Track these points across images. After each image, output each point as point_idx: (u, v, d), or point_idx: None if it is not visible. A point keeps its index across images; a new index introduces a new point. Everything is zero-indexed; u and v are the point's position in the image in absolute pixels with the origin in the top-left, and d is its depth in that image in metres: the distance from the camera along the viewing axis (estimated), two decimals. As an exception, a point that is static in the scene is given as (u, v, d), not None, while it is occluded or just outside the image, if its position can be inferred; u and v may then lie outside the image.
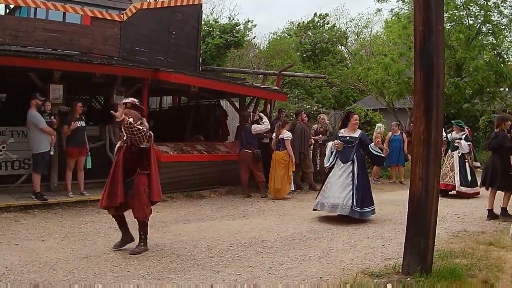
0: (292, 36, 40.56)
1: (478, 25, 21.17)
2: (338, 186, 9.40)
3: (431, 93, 5.52)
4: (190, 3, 14.70)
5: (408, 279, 5.51)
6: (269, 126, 12.97)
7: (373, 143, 10.16)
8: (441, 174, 11.51)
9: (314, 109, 21.92)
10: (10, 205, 9.41)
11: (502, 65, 20.17)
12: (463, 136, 12.83)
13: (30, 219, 8.93)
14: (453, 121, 13.71)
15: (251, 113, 13.76)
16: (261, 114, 13.31)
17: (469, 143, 12.88)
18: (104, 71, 11.30)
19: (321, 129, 14.86)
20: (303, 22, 42.82)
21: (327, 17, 42.18)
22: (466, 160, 12.69)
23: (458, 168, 12.59)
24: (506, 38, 20.97)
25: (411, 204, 5.72)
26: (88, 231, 8.23)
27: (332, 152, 9.72)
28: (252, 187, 12.92)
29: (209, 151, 13.33)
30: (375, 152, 9.90)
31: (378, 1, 23.25)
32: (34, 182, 10.00)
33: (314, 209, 9.76)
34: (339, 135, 9.82)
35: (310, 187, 13.80)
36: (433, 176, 5.59)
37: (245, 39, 33.05)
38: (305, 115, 14.67)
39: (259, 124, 12.93)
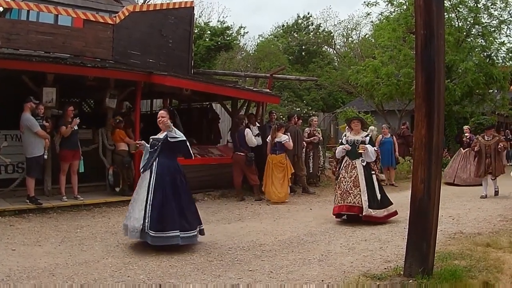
0: (280, 38, 40.67)
1: (468, 27, 21.36)
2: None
3: (432, 97, 5.53)
4: (182, 6, 14.70)
5: (410, 281, 5.52)
6: (258, 143, 13.09)
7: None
8: (342, 191, 9.51)
9: (304, 111, 21.98)
10: (4, 210, 9.31)
11: (491, 67, 20.32)
12: (367, 139, 9.76)
13: (26, 224, 8.85)
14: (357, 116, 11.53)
15: (245, 116, 13.77)
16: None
17: (375, 148, 10.10)
18: (97, 74, 11.24)
19: (314, 131, 14.87)
20: (287, 24, 42.93)
21: (311, 18, 42.27)
22: (373, 172, 9.72)
23: (364, 183, 9.41)
24: (496, 40, 21.16)
25: (413, 206, 5.72)
26: (84, 236, 8.17)
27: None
28: (245, 189, 12.91)
29: (202, 154, 13.29)
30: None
31: (367, 5, 23.46)
32: (28, 186, 9.92)
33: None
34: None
35: (303, 190, 13.81)
36: (434, 179, 5.59)
37: (235, 42, 33.06)
38: (298, 118, 14.73)
39: (250, 129, 12.97)
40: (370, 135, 10.05)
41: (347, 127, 10.29)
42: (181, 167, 7.60)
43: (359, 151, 9.47)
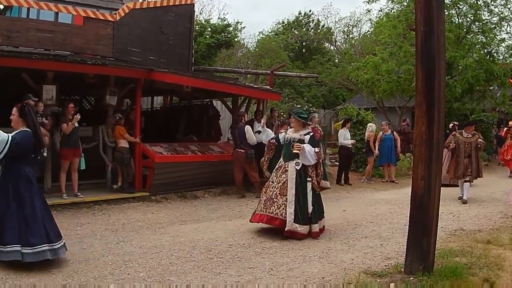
0: (280, 35, 40.66)
1: (468, 23, 21.32)
2: None
3: (432, 93, 5.53)
4: (183, 3, 14.67)
5: (411, 278, 5.53)
6: (259, 140, 13.01)
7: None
8: (266, 197, 8.10)
9: (305, 108, 21.94)
10: (4, 208, 9.29)
11: (492, 63, 20.29)
12: (307, 137, 8.08)
13: (26, 222, 8.83)
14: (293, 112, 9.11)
15: (244, 113, 13.76)
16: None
17: (317, 149, 8.03)
18: (98, 71, 11.20)
19: (314, 128, 14.83)
20: (288, 20, 42.91)
21: (312, 15, 42.24)
22: (310, 179, 7.92)
23: (293, 191, 7.83)
24: (496, 37, 21.12)
25: (413, 203, 5.72)
26: (84, 234, 8.16)
27: None
28: (245, 186, 12.90)
29: (203, 151, 13.29)
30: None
31: (368, 2, 23.41)
32: (27, 184, 9.88)
33: None
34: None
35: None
36: (435, 176, 5.59)
37: (235, 39, 33.05)
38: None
39: (252, 126, 12.95)
40: (311, 134, 8.24)
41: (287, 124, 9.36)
42: (28, 171, 6.26)
43: (294, 151, 7.90)
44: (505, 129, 18.90)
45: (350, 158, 15.71)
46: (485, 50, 21.21)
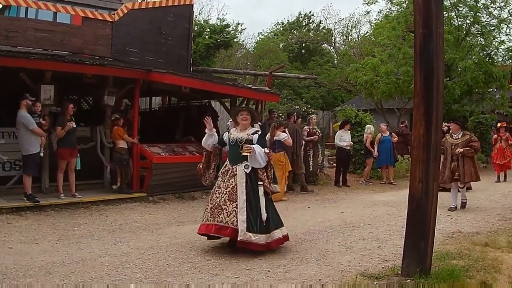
0: (279, 36, 40.67)
1: (467, 26, 21.32)
2: None
3: (431, 96, 5.51)
4: (182, 3, 14.65)
5: (408, 281, 5.50)
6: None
7: None
8: (213, 205, 7.14)
9: (303, 109, 21.94)
10: (2, 207, 9.28)
11: (491, 65, 20.29)
12: (256, 137, 7.27)
13: (23, 222, 8.83)
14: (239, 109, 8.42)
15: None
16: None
17: (267, 150, 7.31)
18: (96, 71, 11.19)
19: (313, 130, 14.86)
20: (288, 21, 42.93)
21: (312, 17, 42.25)
22: (261, 183, 7.15)
23: (244, 196, 6.98)
24: (495, 39, 21.12)
25: (411, 206, 5.70)
26: (81, 234, 8.15)
27: None
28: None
29: (201, 152, 13.17)
30: None
31: (368, 4, 23.41)
32: (25, 184, 9.89)
33: None
34: None
35: (302, 188, 13.80)
36: (432, 179, 5.58)
37: (234, 40, 33.03)
38: (298, 116, 14.73)
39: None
40: (260, 133, 7.46)
41: (231, 121, 8.26)
42: None
43: (243, 153, 7.08)
44: (495, 131, 18.25)
45: (348, 160, 15.70)
46: (484, 52, 21.19)
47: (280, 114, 17.66)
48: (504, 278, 5.85)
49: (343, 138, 15.30)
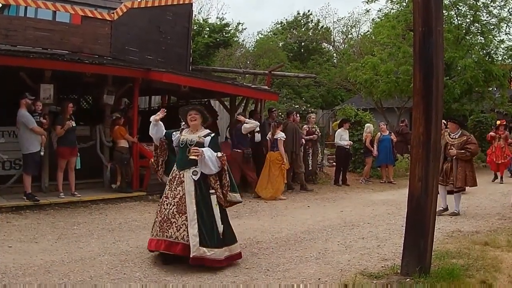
0: (279, 35, 40.66)
1: (467, 24, 21.31)
2: None
3: (430, 94, 5.51)
4: (181, 2, 14.62)
5: (407, 280, 5.50)
6: (258, 123, 12.89)
7: None
8: (162, 217, 6.36)
9: (303, 108, 21.96)
10: (1, 206, 9.28)
11: (491, 64, 20.27)
12: (207, 139, 6.51)
13: (22, 220, 8.82)
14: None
15: (242, 114, 13.71)
16: (241, 118, 12.97)
17: (219, 154, 6.39)
18: (95, 70, 11.17)
19: (312, 129, 14.85)
20: (286, 20, 42.92)
21: (310, 16, 42.23)
22: (213, 191, 6.35)
23: (194, 207, 6.21)
24: (495, 38, 21.11)
25: (410, 205, 5.70)
26: (81, 233, 8.14)
27: None
28: (242, 186, 12.86)
29: (201, 151, 13.23)
30: None
31: (367, 2, 23.39)
32: (24, 183, 9.88)
33: None
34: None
35: (301, 187, 13.79)
36: (432, 177, 5.58)
37: (234, 39, 33.02)
38: (297, 115, 14.72)
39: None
40: (212, 135, 6.62)
41: (183, 123, 7.01)
42: None
43: (190, 157, 6.26)
44: (494, 129, 17.38)
45: (347, 159, 15.69)
46: (484, 51, 21.19)
47: (280, 113, 17.67)
48: (504, 277, 5.85)
49: (343, 137, 15.30)
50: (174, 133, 6.75)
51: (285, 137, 12.42)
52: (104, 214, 9.77)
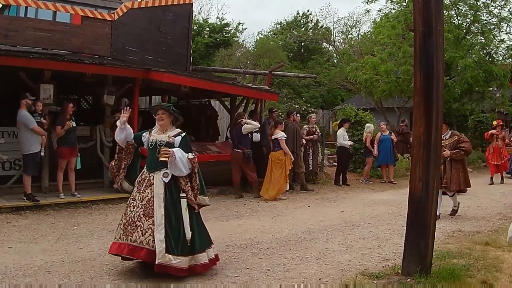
0: (279, 35, 40.66)
1: (467, 24, 21.31)
2: None
3: (431, 94, 5.50)
4: (181, 2, 14.61)
5: (408, 280, 5.49)
6: (258, 124, 12.88)
7: None
8: (127, 220, 5.94)
9: (303, 108, 21.94)
10: (1, 207, 9.28)
11: (491, 64, 20.26)
12: (178, 139, 6.13)
13: (22, 221, 8.82)
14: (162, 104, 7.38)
15: (243, 114, 13.69)
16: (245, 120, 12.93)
17: (191, 155, 6.07)
18: (95, 71, 11.18)
19: (313, 129, 14.83)
20: (286, 21, 42.91)
21: (310, 16, 42.22)
22: (183, 195, 5.99)
23: (162, 211, 5.81)
24: (495, 38, 21.10)
25: (411, 205, 5.69)
26: (81, 233, 8.13)
27: None
28: (243, 186, 12.87)
29: (201, 151, 13.23)
30: None
31: (367, 2, 23.38)
32: (24, 184, 9.88)
33: None
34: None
35: (302, 187, 13.78)
36: (433, 177, 5.57)
37: (234, 39, 33.00)
38: (297, 115, 14.71)
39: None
40: (183, 134, 6.25)
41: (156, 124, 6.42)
42: None
43: (160, 159, 5.88)
44: (492, 130, 16.89)
45: (348, 159, 15.70)
46: (485, 51, 21.19)
47: (280, 113, 17.66)
48: (505, 277, 5.83)
49: (346, 137, 15.31)
50: (144, 134, 6.35)
51: (285, 136, 12.39)
52: (104, 215, 9.77)
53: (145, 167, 6.20)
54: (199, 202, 6.19)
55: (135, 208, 5.94)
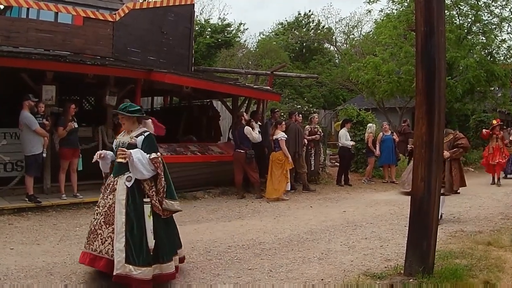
0: (280, 35, 40.66)
1: (469, 24, 21.28)
2: None
3: (432, 94, 5.50)
4: (183, 3, 14.62)
5: (411, 280, 5.49)
6: (259, 139, 12.83)
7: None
8: (91, 228, 5.79)
9: (305, 109, 21.95)
10: (3, 208, 9.27)
11: (492, 64, 20.23)
12: (140, 139, 5.74)
13: (24, 222, 8.82)
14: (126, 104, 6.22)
15: (245, 114, 13.68)
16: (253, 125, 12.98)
17: (153, 155, 5.60)
18: (97, 72, 11.18)
19: (315, 129, 14.83)
20: (287, 21, 42.93)
21: (312, 16, 42.21)
22: (148, 200, 5.54)
23: (123, 218, 5.41)
24: (497, 38, 21.07)
25: (413, 205, 5.68)
26: (83, 234, 8.04)
27: None
28: (245, 187, 12.87)
29: (203, 151, 13.26)
30: None
31: (369, 3, 23.36)
32: (27, 185, 9.88)
33: None
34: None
35: (304, 187, 13.77)
36: (435, 177, 5.56)
37: (236, 39, 32.99)
38: (299, 115, 14.71)
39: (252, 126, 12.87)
40: (147, 133, 5.81)
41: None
42: None
43: (118, 160, 5.59)
44: (491, 128, 16.42)
45: (350, 159, 15.71)
46: (486, 51, 21.16)
47: (282, 113, 17.66)
48: (508, 277, 5.83)
49: (347, 137, 15.31)
50: (114, 141, 6.07)
51: (286, 136, 12.39)
52: (106, 215, 9.74)
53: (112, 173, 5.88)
54: (166, 207, 5.69)
55: (98, 215, 5.65)
